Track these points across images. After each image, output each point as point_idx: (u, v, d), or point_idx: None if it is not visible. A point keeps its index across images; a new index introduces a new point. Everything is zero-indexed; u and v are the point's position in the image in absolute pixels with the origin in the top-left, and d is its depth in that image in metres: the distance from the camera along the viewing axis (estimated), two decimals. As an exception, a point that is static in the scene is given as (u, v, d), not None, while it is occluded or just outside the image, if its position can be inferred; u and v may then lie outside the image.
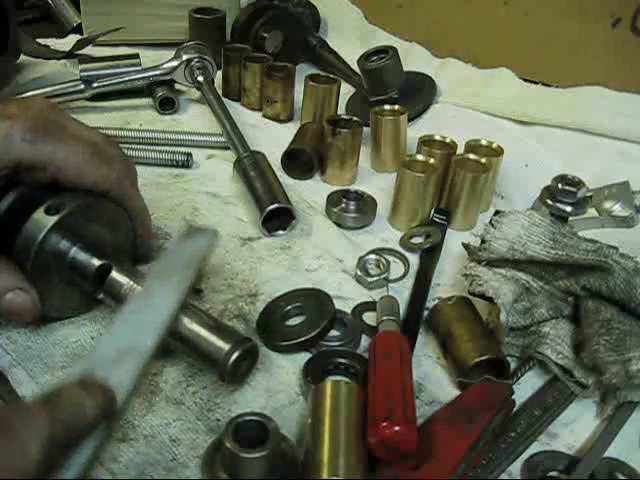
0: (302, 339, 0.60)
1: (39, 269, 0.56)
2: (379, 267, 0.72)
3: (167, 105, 1.01)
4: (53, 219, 0.55)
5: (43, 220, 0.55)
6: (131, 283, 0.57)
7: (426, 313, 0.66)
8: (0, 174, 0.55)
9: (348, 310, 0.66)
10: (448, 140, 0.85)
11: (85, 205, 0.58)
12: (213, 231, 0.58)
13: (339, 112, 0.99)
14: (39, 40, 1.20)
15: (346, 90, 1.06)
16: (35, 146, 0.55)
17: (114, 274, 0.58)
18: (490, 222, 0.64)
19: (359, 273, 0.70)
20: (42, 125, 0.55)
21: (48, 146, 0.55)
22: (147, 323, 0.49)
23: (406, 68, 1.04)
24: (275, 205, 0.75)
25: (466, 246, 0.68)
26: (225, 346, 0.53)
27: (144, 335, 0.47)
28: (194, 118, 1.02)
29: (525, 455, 0.53)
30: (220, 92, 1.04)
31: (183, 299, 0.52)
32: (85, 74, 0.99)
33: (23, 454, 0.36)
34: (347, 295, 0.68)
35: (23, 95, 0.95)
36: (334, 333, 0.63)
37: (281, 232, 0.77)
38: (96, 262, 0.58)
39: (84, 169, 0.57)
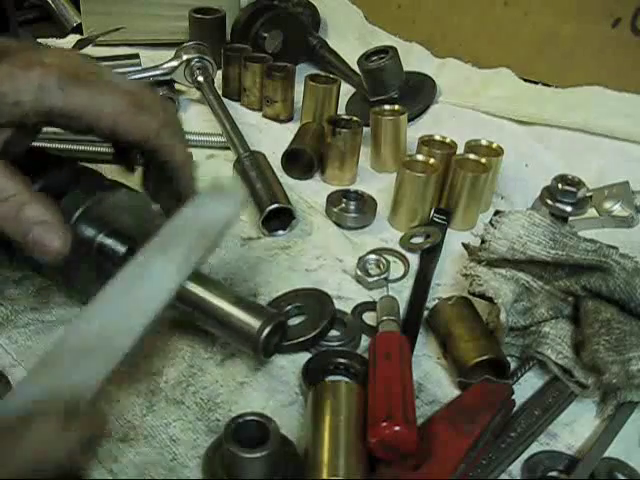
0: (302, 339, 0.60)
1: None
2: (379, 267, 0.72)
3: (167, 105, 1.01)
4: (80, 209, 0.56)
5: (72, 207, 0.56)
6: None
7: (426, 313, 0.66)
8: (33, 121, 0.53)
9: (348, 310, 0.66)
10: (448, 140, 0.85)
11: (112, 193, 0.59)
12: (240, 194, 0.52)
13: (339, 112, 0.99)
14: (39, 40, 1.20)
15: (346, 90, 1.06)
16: (70, 95, 0.53)
17: None
18: (490, 222, 0.64)
19: (359, 273, 0.70)
20: (78, 74, 0.53)
21: (83, 95, 0.53)
22: (135, 305, 0.40)
23: (406, 68, 1.03)
24: (275, 205, 0.75)
25: (466, 246, 0.68)
26: (257, 322, 0.54)
27: (127, 321, 0.40)
28: (194, 118, 1.01)
29: (525, 455, 0.53)
30: (220, 92, 1.04)
31: (185, 278, 0.45)
32: (85, 74, 0.99)
33: None
34: (347, 295, 0.68)
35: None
36: (334, 333, 0.63)
37: (281, 232, 0.77)
38: (122, 248, 0.58)
39: (120, 119, 0.55)
